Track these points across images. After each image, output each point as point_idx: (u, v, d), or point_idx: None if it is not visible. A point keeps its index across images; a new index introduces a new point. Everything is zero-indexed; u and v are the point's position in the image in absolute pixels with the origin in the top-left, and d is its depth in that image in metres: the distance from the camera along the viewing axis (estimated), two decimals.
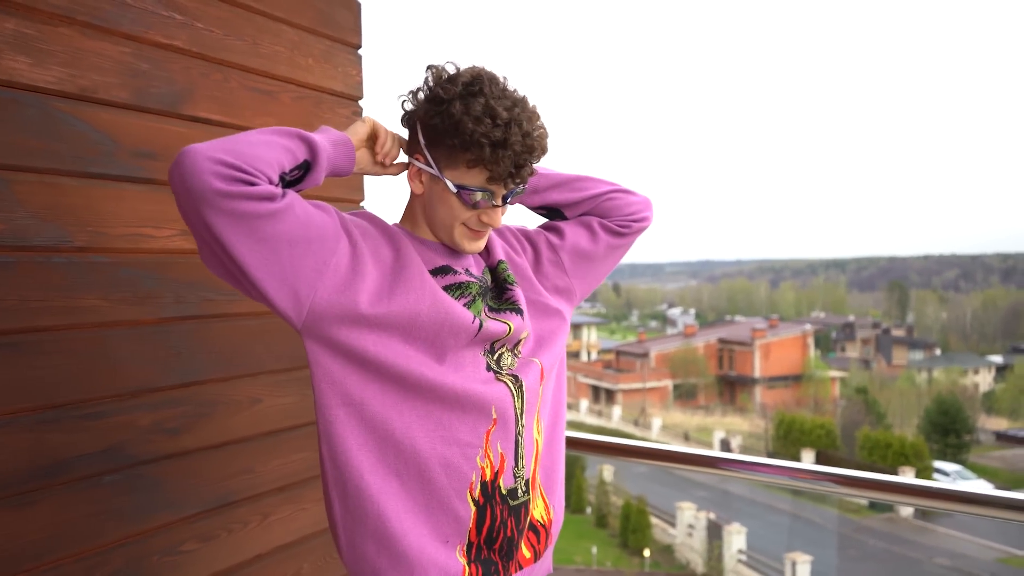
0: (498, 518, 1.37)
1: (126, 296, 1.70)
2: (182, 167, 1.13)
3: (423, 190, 1.39)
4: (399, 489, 1.31)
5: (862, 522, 25.29)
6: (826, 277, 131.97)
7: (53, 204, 1.57)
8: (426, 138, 1.34)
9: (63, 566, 1.57)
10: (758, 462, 2.07)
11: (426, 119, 1.33)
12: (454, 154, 1.32)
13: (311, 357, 1.28)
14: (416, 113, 1.36)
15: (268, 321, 2.04)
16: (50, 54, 1.57)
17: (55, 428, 1.56)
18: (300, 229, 1.21)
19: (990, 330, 74.60)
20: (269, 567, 2.05)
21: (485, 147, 1.28)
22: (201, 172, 1.12)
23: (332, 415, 1.30)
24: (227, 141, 1.18)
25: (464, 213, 1.36)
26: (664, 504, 26.03)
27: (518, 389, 1.39)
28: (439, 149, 1.33)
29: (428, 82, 1.35)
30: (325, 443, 1.32)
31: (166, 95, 1.78)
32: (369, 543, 1.31)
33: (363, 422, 1.30)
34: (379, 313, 1.27)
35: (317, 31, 2.17)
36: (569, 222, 1.62)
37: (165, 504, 1.78)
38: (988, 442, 36.93)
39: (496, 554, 1.38)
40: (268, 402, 2.04)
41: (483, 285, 1.45)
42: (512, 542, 1.39)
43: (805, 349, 52.53)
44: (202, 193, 1.12)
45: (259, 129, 1.24)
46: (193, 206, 1.14)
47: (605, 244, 1.60)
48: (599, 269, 1.62)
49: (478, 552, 1.36)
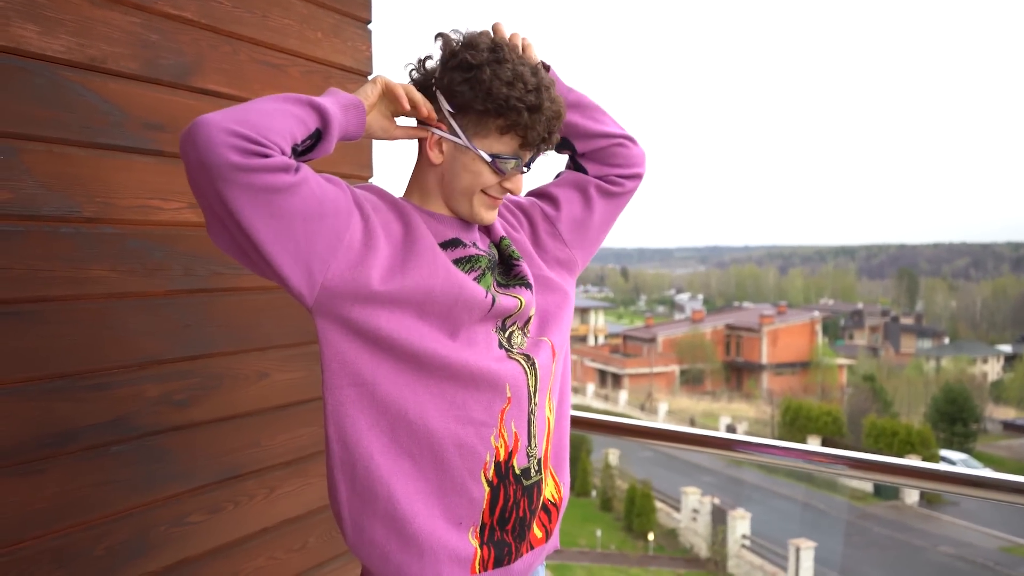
0: (511, 498, 1.35)
1: (134, 268, 1.70)
2: (196, 139, 1.09)
3: (442, 159, 1.35)
4: (411, 470, 1.28)
5: (867, 509, 25.32)
6: (835, 264, 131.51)
7: (61, 174, 1.57)
8: (453, 106, 1.31)
9: (71, 534, 1.58)
10: (767, 443, 2.05)
11: (451, 86, 1.30)
12: (484, 120, 1.30)
13: (321, 336, 1.24)
14: (438, 81, 1.32)
15: (276, 296, 2.04)
16: (59, 23, 1.56)
17: (63, 397, 1.57)
18: (315, 203, 1.17)
19: (1000, 319, 74.28)
20: (275, 540, 2.06)
21: (522, 112, 1.27)
22: (216, 145, 1.08)
23: (342, 395, 1.26)
24: (239, 111, 1.13)
25: (490, 181, 1.34)
26: (669, 488, 26.11)
27: (531, 367, 1.37)
28: (467, 116, 1.31)
29: (450, 48, 1.32)
30: (333, 424, 1.27)
31: (175, 66, 1.77)
32: (378, 527, 1.28)
33: (374, 403, 1.26)
34: (392, 289, 1.24)
35: (327, 5, 2.15)
36: (562, 187, 1.56)
37: (172, 475, 1.79)
38: (995, 431, 36.87)
39: (509, 535, 1.36)
40: (275, 376, 2.04)
41: (491, 259, 1.42)
42: (524, 522, 1.38)
43: (813, 336, 52.43)
44: (218, 167, 1.09)
45: (267, 97, 1.20)
46: (207, 179, 1.10)
47: (601, 209, 1.56)
48: (597, 235, 1.58)
49: (491, 534, 1.34)
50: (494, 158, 1.31)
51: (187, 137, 1.11)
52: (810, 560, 19.28)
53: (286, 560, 2.09)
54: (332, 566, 2.24)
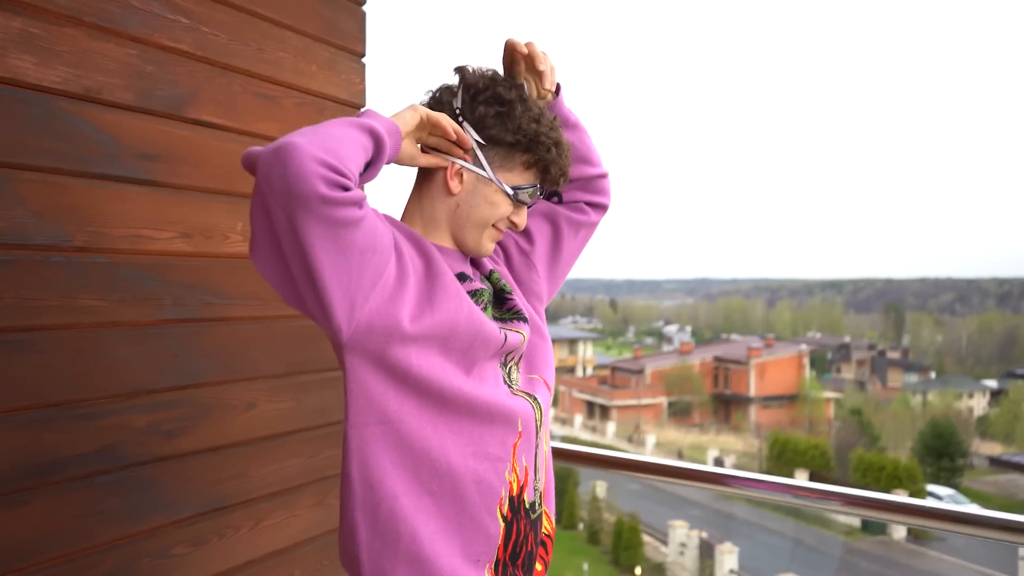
0: (522, 533, 1.34)
1: (125, 297, 1.70)
2: (287, 165, 1.05)
3: (460, 189, 1.35)
4: (433, 508, 1.26)
5: (854, 544, 25.22)
6: (823, 298, 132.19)
7: (54, 203, 1.57)
8: (483, 137, 1.33)
9: (54, 566, 1.56)
10: (759, 479, 2.05)
11: (483, 119, 1.33)
12: (511, 154, 1.34)
13: (350, 372, 1.22)
14: (466, 113, 1.34)
15: (266, 326, 2.04)
16: (56, 54, 1.57)
17: (50, 427, 1.56)
18: (371, 238, 1.15)
19: (985, 354, 74.71)
20: (260, 573, 2.03)
21: (550, 148, 1.32)
22: (309, 175, 1.05)
23: (367, 433, 1.23)
24: (323, 137, 1.10)
25: (505, 213, 1.36)
26: (656, 522, 25.94)
27: (535, 402, 1.38)
28: (494, 149, 1.34)
29: (477, 82, 1.34)
30: (357, 464, 1.24)
31: (170, 98, 1.79)
32: (400, 568, 1.24)
33: (399, 440, 1.24)
34: (422, 326, 1.22)
35: (322, 38, 2.18)
36: (533, 219, 1.57)
37: (158, 506, 1.77)
38: (981, 467, 36.87)
39: (520, 570, 1.35)
40: (263, 407, 2.04)
41: (490, 293, 1.43)
42: (532, 556, 1.37)
43: (800, 369, 52.54)
44: (306, 198, 1.05)
45: (336, 121, 1.17)
46: (285, 206, 1.07)
47: (569, 243, 1.59)
48: (564, 269, 1.60)
49: (504, 569, 1.32)
50: (516, 190, 1.35)
51: (275, 161, 1.07)
52: None
53: None
54: None
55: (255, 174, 1.12)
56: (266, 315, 2.04)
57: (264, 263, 1.18)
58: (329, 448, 2.23)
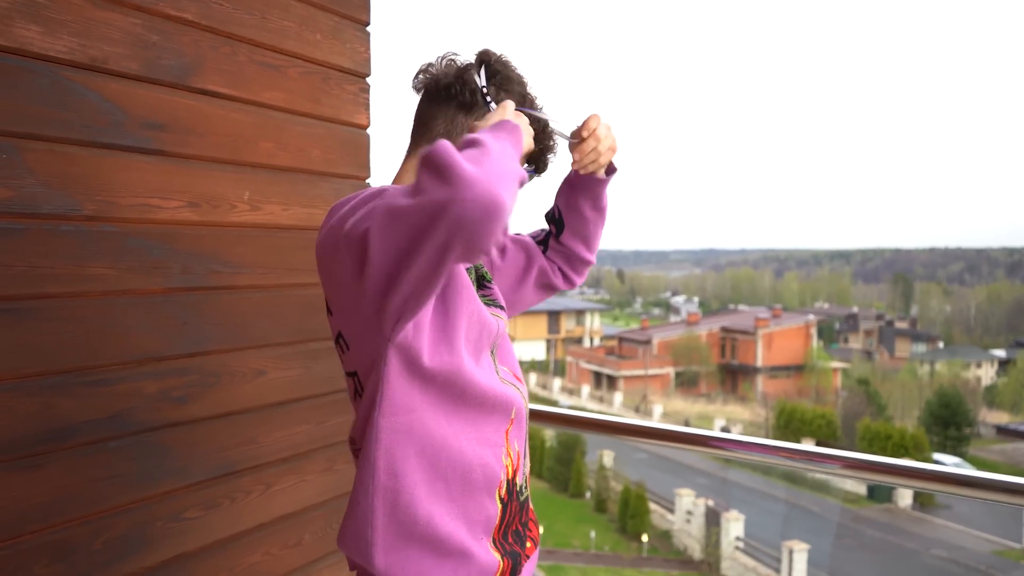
0: (513, 513, 1.38)
1: (133, 265, 1.72)
2: (489, 224, 0.99)
3: None
4: (445, 493, 1.28)
5: (860, 512, 25.40)
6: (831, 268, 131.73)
7: (62, 173, 1.59)
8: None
9: (69, 528, 1.60)
10: (759, 443, 2.06)
11: (504, 98, 1.38)
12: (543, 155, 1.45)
13: (390, 364, 1.21)
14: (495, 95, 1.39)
15: (274, 294, 2.06)
16: (61, 23, 1.58)
17: (62, 393, 1.59)
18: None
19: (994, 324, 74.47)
20: (271, 536, 2.08)
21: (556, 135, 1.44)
22: (494, 234, 1.00)
23: (398, 423, 1.24)
24: (507, 185, 1.02)
25: None
26: (663, 490, 26.14)
27: (519, 390, 1.41)
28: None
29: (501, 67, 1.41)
30: (384, 453, 1.24)
31: (175, 67, 1.80)
32: (414, 547, 1.27)
33: (423, 429, 1.26)
34: (449, 316, 1.24)
35: (326, 7, 2.18)
36: (516, 244, 1.61)
37: (169, 471, 1.80)
38: (988, 436, 36.96)
39: (517, 546, 1.39)
40: (272, 374, 2.06)
41: (474, 274, 1.46)
42: (520, 535, 1.41)
43: (808, 339, 52.50)
44: (478, 250, 1.02)
45: (506, 155, 1.09)
46: (456, 241, 1.00)
47: (529, 291, 1.63)
48: (511, 309, 1.61)
49: (502, 546, 1.36)
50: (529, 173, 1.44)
51: (482, 212, 0.98)
52: (803, 562, 19.33)
53: (281, 556, 2.11)
54: (327, 562, 2.26)
55: (442, 180, 0.98)
56: (274, 283, 2.06)
57: (348, 275, 1.15)
58: (337, 415, 2.26)
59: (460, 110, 1.38)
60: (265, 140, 2.02)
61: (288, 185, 2.10)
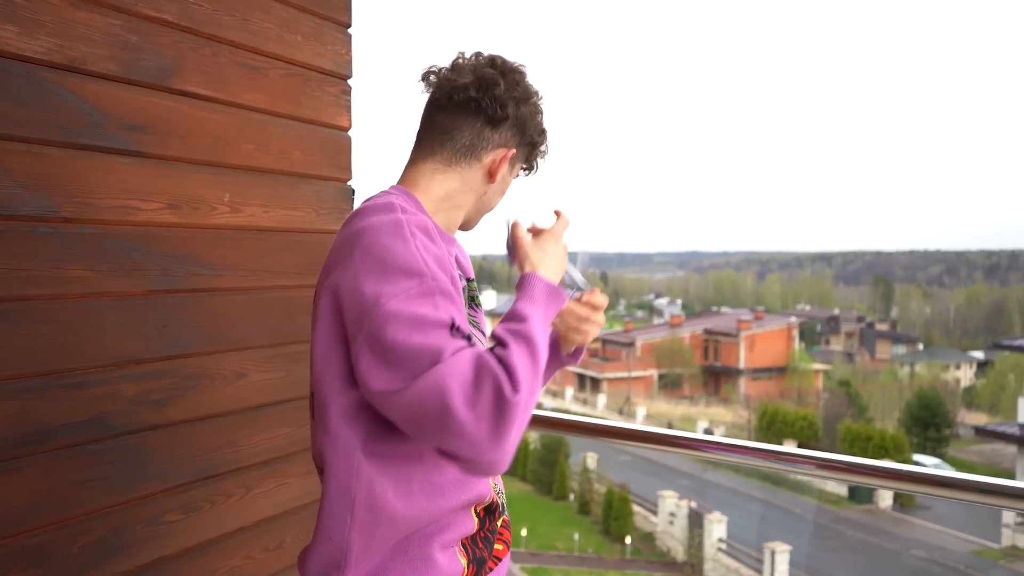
0: (486, 524, 1.40)
1: (112, 267, 1.71)
2: (493, 467, 1.13)
3: (496, 179, 1.42)
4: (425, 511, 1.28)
5: (841, 513, 25.55)
6: (812, 270, 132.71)
7: (40, 174, 1.57)
8: (518, 132, 1.40)
9: (46, 532, 1.59)
10: (739, 444, 2.07)
11: (524, 113, 1.39)
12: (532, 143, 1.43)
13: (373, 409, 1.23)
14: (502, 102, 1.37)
15: (255, 296, 2.05)
16: (38, 24, 1.57)
17: (40, 396, 1.57)
18: None
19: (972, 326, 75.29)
20: (252, 539, 2.07)
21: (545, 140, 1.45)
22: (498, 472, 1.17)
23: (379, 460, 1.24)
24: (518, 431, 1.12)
25: None
26: (646, 492, 26.19)
27: None
28: (525, 145, 1.43)
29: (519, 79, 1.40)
30: (365, 491, 1.23)
31: (155, 68, 1.79)
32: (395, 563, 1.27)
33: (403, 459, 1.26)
34: None
35: (306, 8, 2.17)
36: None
37: (149, 475, 1.79)
38: (967, 436, 37.30)
39: (484, 551, 1.39)
40: (253, 377, 2.06)
41: (465, 283, 1.46)
42: (489, 541, 1.41)
43: (790, 341, 52.87)
44: (483, 473, 1.18)
45: (535, 387, 1.15)
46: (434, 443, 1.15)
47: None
48: None
49: (471, 551, 1.36)
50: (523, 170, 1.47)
51: (484, 470, 1.14)
52: (785, 563, 19.43)
53: (262, 560, 2.10)
54: None
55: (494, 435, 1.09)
56: (255, 286, 2.06)
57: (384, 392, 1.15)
58: None
59: (487, 124, 1.37)
60: (246, 142, 2.02)
61: (269, 187, 2.09)
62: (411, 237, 1.18)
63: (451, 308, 1.15)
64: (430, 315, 1.13)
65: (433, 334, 1.11)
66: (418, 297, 1.13)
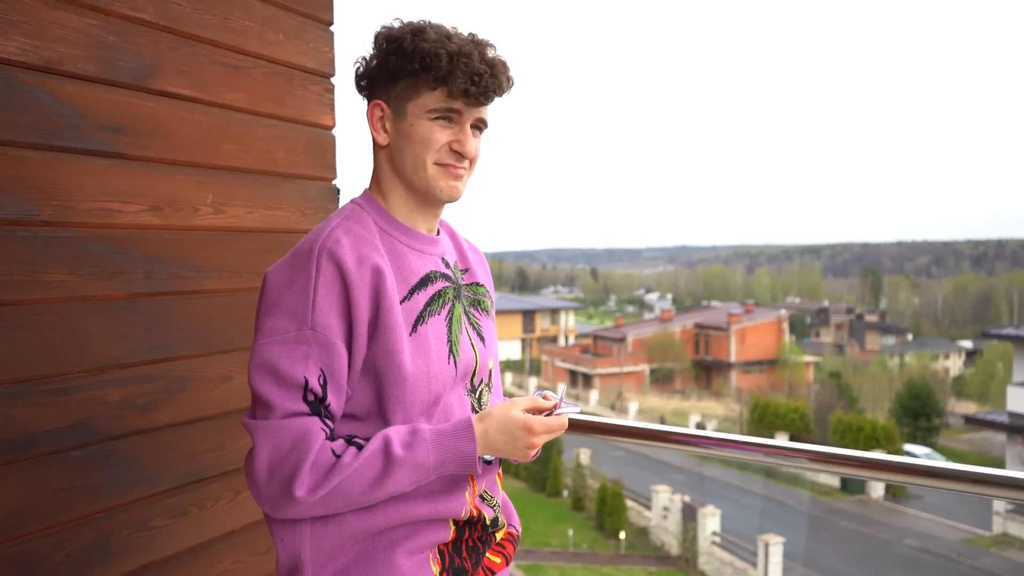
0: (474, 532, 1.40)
1: (94, 271, 1.69)
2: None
3: (388, 139, 1.36)
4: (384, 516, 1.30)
5: (833, 504, 25.66)
6: (801, 263, 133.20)
7: (17, 177, 1.55)
8: (386, 77, 1.33)
9: (31, 540, 1.56)
10: (733, 439, 2.06)
11: (382, 60, 1.33)
12: (415, 82, 1.31)
13: None
14: (370, 65, 1.36)
15: (240, 298, 2.03)
16: (13, 24, 1.54)
17: (21, 403, 1.55)
18: None
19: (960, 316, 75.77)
20: (241, 543, 2.05)
21: (443, 58, 1.27)
22: None
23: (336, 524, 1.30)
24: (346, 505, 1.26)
25: (436, 143, 1.32)
26: (640, 487, 26.22)
27: None
28: (399, 83, 1.32)
29: (379, 39, 1.36)
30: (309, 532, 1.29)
31: (134, 68, 1.76)
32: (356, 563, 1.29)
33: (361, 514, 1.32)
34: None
35: (288, 6, 2.15)
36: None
37: (135, 480, 1.77)
38: (957, 425, 37.53)
39: (468, 561, 1.38)
40: (240, 379, 2.04)
41: (456, 286, 1.43)
42: (477, 550, 1.41)
43: (780, 334, 53.01)
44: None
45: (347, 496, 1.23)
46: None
47: None
48: None
49: (449, 559, 1.35)
50: (428, 112, 1.32)
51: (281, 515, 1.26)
52: (779, 555, 19.49)
53: (252, 563, 2.08)
54: None
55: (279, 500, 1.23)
56: (240, 287, 2.04)
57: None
58: None
59: (363, 95, 1.39)
60: (228, 142, 1.99)
61: (253, 187, 2.07)
62: (314, 275, 1.23)
63: (319, 363, 1.21)
64: (285, 370, 1.21)
65: (279, 391, 1.21)
66: (291, 343, 1.22)
